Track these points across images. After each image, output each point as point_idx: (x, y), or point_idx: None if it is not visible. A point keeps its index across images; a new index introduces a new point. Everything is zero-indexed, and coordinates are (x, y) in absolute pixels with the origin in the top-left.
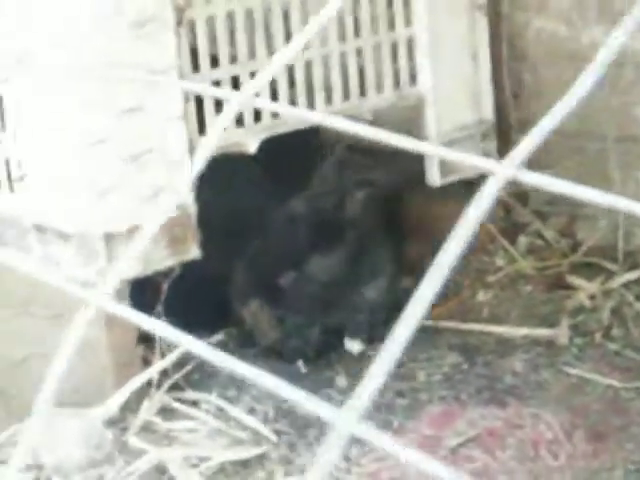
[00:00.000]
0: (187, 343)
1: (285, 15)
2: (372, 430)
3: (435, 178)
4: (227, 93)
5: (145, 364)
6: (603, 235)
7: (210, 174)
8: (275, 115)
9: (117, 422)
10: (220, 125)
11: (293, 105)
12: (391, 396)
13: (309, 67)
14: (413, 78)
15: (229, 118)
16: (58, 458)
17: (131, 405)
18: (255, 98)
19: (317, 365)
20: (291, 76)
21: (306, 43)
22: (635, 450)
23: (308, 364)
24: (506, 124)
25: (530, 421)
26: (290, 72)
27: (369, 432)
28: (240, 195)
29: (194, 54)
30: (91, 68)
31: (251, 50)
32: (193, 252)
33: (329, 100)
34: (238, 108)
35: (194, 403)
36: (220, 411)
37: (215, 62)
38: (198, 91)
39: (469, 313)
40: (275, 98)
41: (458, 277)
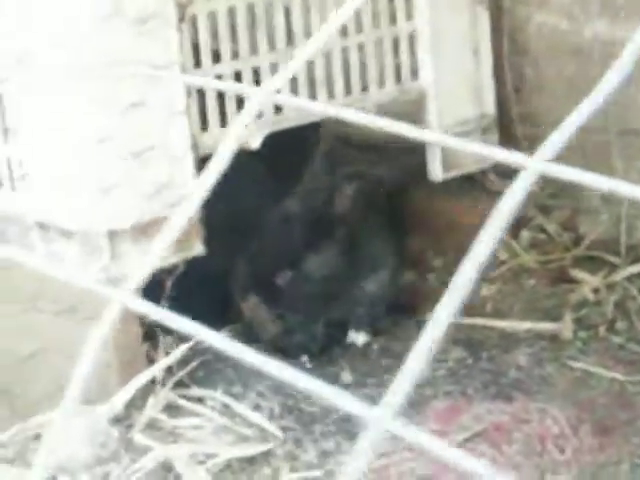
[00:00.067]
0: (222, 344)
1: (286, 10)
2: (407, 427)
3: (437, 173)
4: (248, 89)
5: (150, 361)
6: (605, 229)
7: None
8: (278, 111)
9: (122, 420)
10: (242, 122)
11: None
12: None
13: (311, 62)
14: (415, 73)
15: (251, 115)
16: (64, 456)
17: (136, 402)
18: (276, 94)
19: (321, 360)
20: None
21: (307, 38)
22: None
23: (312, 359)
24: (507, 118)
25: (536, 415)
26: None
27: (404, 429)
28: (243, 191)
29: (195, 50)
30: (93, 66)
31: (253, 45)
32: (197, 249)
33: (331, 95)
34: (259, 104)
35: (199, 400)
36: (225, 408)
37: (217, 58)
38: (220, 88)
39: (472, 307)
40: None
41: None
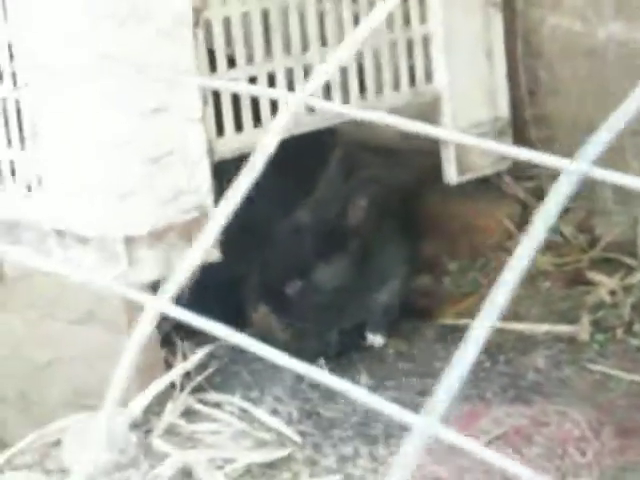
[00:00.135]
0: (264, 352)
1: (301, 15)
2: (453, 432)
3: (452, 176)
4: (283, 94)
5: (167, 367)
6: (621, 230)
7: (228, 176)
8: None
9: (141, 425)
10: (278, 127)
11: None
12: (413, 395)
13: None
14: (429, 75)
15: (286, 119)
16: (83, 462)
17: (154, 408)
18: (310, 98)
19: (339, 364)
20: (308, 77)
21: (322, 43)
22: None
23: (329, 363)
24: (522, 121)
25: (556, 418)
26: (307, 73)
27: (450, 434)
28: (258, 197)
29: (210, 55)
30: (111, 70)
31: (267, 50)
32: (213, 255)
33: (346, 98)
34: (294, 109)
35: (217, 405)
36: (244, 413)
37: (231, 63)
38: (255, 93)
39: None
40: None
41: (477, 275)
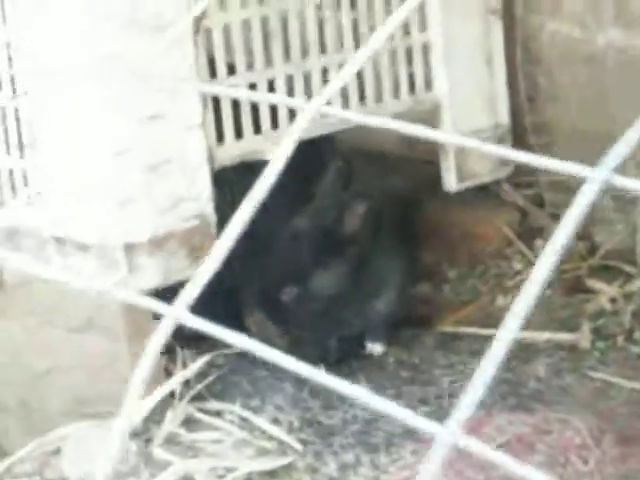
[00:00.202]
0: (285, 362)
1: (301, 22)
2: (475, 441)
3: (452, 183)
4: (299, 102)
5: (167, 375)
6: (621, 238)
7: (229, 183)
8: (293, 121)
9: (141, 434)
10: (294, 134)
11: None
12: (415, 403)
13: (325, 73)
14: (429, 83)
15: (302, 127)
16: (83, 471)
17: (154, 416)
18: (326, 106)
19: (338, 372)
20: (307, 83)
21: (321, 49)
22: None
23: (328, 370)
24: (521, 128)
25: (558, 426)
26: (307, 79)
27: (472, 444)
28: (262, 203)
29: (210, 62)
30: (110, 77)
31: (267, 57)
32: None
33: (346, 106)
34: (311, 116)
35: (218, 414)
36: (244, 421)
37: (231, 70)
38: (272, 101)
39: (489, 318)
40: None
41: (476, 282)
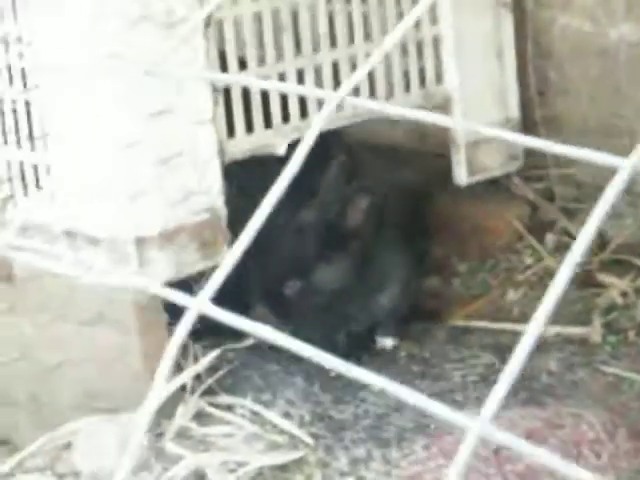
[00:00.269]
0: (312, 354)
1: (312, 15)
2: (506, 434)
3: (462, 177)
4: (325, 92)
5: (178, 369)
6: (631, 232)
7: (239, 176)
8: (304, 116)
9: (152, 428)
10: (318, 123)
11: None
12: (426, 397)
13: (336, 67)
14: (439, 77)
15: (327, 116)
16: (94, 465)
17: (166, 411)
18: (351, 96)
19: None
20: (319, 77)
21: (332, 43)
22: None
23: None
24: (532, 122)
25: (570, 421)
26: (317, 73)
27: (504, 437)
28: (261, 196)
29: (221, 56)
30: (121, 71)
31: (278, 51)
32: (224, 255)
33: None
34: (336, 105)
35: (229, 408)
36: (255, 415)
37: (242, 65)
38: (298, 92)
39: (499, 312)
40: (303, 99)
41: (487, 276)
